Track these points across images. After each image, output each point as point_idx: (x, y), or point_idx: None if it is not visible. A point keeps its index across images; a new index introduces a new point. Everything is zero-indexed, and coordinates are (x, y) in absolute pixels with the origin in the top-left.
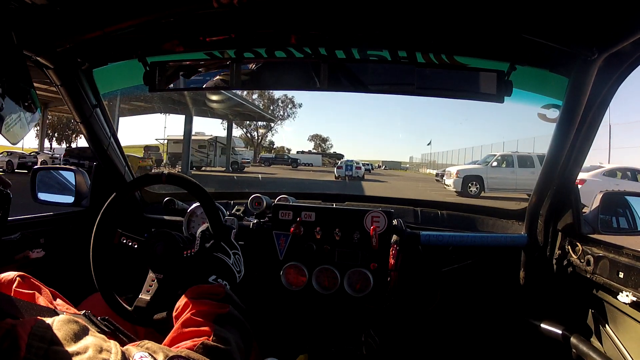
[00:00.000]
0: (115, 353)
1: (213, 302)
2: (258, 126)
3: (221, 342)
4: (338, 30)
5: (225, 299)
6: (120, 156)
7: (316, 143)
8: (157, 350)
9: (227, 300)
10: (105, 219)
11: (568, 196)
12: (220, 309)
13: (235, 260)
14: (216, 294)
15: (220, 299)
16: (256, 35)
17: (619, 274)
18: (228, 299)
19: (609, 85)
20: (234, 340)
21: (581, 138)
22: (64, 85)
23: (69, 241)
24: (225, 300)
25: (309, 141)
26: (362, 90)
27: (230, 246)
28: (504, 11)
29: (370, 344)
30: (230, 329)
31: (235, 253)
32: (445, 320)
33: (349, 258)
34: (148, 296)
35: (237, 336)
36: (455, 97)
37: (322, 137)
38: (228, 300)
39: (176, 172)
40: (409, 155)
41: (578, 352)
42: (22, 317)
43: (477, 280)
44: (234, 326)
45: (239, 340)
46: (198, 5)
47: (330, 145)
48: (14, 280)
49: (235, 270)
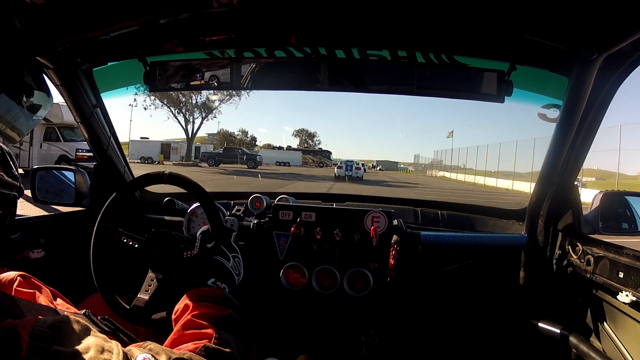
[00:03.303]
0: (117, 354)
1: (213, 304)
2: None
3: (223, 344)
4: (338, 29)
5: (225, 301)
6: (120, 156)
7: (302, 139)
8: (160, 352)
9: (226, 303)
10: (105, 219)
11: (568, 196)
12: (220, 312)
13: (234, 264)
14: (215, 296)
15: (219, 302)
16: (256, 34)
17: (619, 273)
18: (227, 301)
19: (609, 85)
20: (235, 343)
21: (581, 138)
22: (64, 85)
23: (69, 241)
24: (224, 303)
25: (293, 137)
26: (362, 90)
27: (230, 249)
28: (504, 11)
29: (370, 344)
30: (230, 332)
31: (234, 256)
32: (446, 320)
33: (349, 258)
34: (147, 296)
35: (237, 339)
36: (455, 97)
37: (309, 133)
38: (227, 303)
39: (177, 173)
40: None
41: (578, 352)
42: (23, 316)
43: (477, 280)
44: (234, 329)
45: (239, 342)
46: (198, 5)
47: (317, 142)
48: (15, 279)
49: (234, 274)
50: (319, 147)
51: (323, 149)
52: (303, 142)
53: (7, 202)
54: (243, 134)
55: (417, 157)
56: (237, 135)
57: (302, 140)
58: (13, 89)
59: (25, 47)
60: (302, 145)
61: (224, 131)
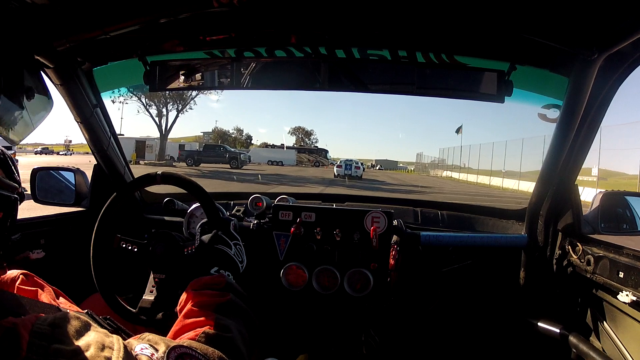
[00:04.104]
0: (118, 349)
1: (213, 292)
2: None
3: (222, 330)
4: (338, 29)
5: (226, 288)
6: (120, 156)
7: (298, 137)
8: (158, 342)
9: (228, 289)
10: (105, 220)
11: (568, 196)
12: (220, 298)
13: (236, 251)
14: (217, 284)
15: (221, 289)
16: (256, 34)
17: (619, 273)
18: (229, 288)
19: (609, 85)
20: (236, 327)
21: (581, 138)
22: (64, 85)
23: (69, 242)
24: (226, 289)
25: (289, 135)
26: (362, 90)
27: (231, 237)
28: (504, 11)
29: (370, 344)
30: (231, 317)
31: (236, 244)
32: (446, 320)
33: (349, 258)
34: (152, 296)
35: (239, 324)
36: (455, 97)
37: (306, 131)
38: (229, 289)
39: (174, 172)
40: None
41: (578, 352)
42: (25, 314)
43: (477, 280)
44: (235, 314)
45: (241, 327)
46: (198, 5)
47: (315, 140)
48: (17, 278)
49: (238, 261)
50: (315, 145)
51: (319, 147)
52: (300, 141)
53: (8, 205)
54: (238, 132)
55: (420, 156)
56: (233, 134)
57: (299, 138)
58: (13, 90)
59: (25, 46)
60: (299, 143)
61: (218, 129)
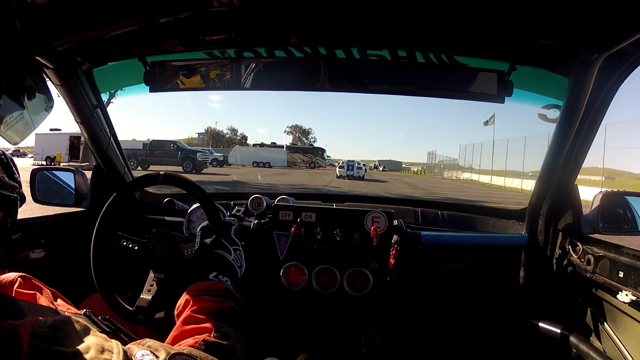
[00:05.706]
0: (117, 353)
1: (213, 298)
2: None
3: (222, 337)
4: (338, 29)
5: (225, 294)
6: (120, 157)
7: (295, 136)
8: (158, 348)
9: (227, 296)
10: (105, 220)
11: (568, 196)
12: (220, 305)
13: (236, 256)
14: (216, 290)
15: (220, 295)
16: (256, 34)
17: (619, 273)
18: (228, 294)
19: (609, 85)
20: (235, 335)
21: (581, 138)
22: (64, 85)
23: (69, 242)
24: (225, 296)
25: (286, 134)
26: (362, 90)
27: (231, 242)
28: (504, 11)
29: (370, 344)
30: (231, 324)
31: (235, 249)
32: (446, 320)
33: (349, 258)
34: (149, 296)
35: (238, 331)
36: (455, 97)
37: (303, 129)
38: (228, 295)
39: (175, 173)
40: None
41: (578, 352)
42: (24, 317)
43: (478, 280)
44: (234, 321)
45: (240, 334)
46: (198, 5)
47: (313, 139)
48: (15, 280)
49: (236, 266)
50: (312, 144)
51: (315, 145)
52: (297, 140)
53: (9, 204)
54: (232, 132)
55: (432, 156)
56: (227, 134)
57: (296, 137)
58: (14, 90)
59: (26, 46)
60: (296, 143)
61: (211, 130)
